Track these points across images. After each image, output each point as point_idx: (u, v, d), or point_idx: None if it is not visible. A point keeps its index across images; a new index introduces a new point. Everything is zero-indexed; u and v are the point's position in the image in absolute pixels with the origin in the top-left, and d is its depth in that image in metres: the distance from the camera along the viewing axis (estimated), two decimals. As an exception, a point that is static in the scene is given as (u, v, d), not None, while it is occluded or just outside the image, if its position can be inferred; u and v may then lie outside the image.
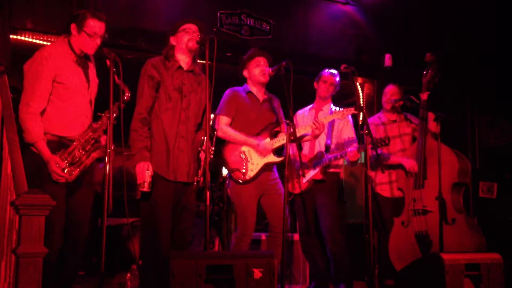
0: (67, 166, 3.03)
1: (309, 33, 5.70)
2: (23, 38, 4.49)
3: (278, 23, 5.47)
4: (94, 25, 3.13)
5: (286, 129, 3.62)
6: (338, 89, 4.37)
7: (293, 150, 4.09)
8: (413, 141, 4.40)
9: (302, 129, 3.82)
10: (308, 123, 4.29)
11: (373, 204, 3.96)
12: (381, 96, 4.70)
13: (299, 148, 3.67)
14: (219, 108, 3.89)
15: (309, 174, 4.15)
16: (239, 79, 3.99)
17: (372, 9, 5.95)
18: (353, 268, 4.23)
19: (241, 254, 2.89)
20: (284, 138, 3.71)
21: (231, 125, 3.84)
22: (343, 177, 5.56)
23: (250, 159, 3.76)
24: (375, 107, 5.90)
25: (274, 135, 3.85)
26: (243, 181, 3.73)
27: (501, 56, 5.73)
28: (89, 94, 3.26)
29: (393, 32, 6.00)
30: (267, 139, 3.80)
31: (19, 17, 4.34)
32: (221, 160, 3.84)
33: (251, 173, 3.73)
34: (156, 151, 3.31)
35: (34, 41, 4.54)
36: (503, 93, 5.86)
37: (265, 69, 3.83)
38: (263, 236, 4.64)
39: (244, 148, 3.79)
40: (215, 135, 3.84)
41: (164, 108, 3.35)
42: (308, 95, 4.48)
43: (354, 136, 4.30)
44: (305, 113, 4.45)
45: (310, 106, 4.47)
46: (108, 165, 2.86)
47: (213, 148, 3.70)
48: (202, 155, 3.37)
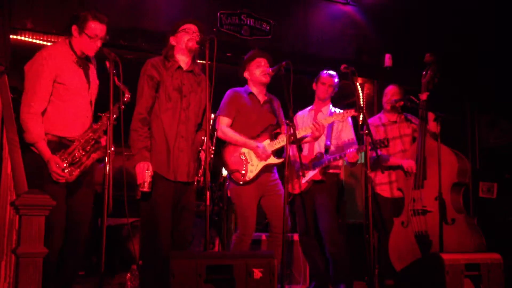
0: (67, 166, 3.03)
1: (309, 33, 5.70)
2: (23, 38, 4.49)
3: (278, 23, 5.47)
4: (95, 27, 3.13)
5: (286, 130, 3.61)
6: (337, 90, 4.37)
7: (293, 151, 4.09)
8: (414, 141, 4.39)
9: (302, 131, 3.82)
10: (307, 124, 4.29)
11: (373, 204, 3.96)
12: (381, 96, 4.70)
13: (299, 149, 3.67)
14: (219, 108, 3.88)
15: (309, 174, 4.15)
16: (239, 79, 3.98)
17: (372, 9, 5.95)
18: (353, 268, 4.23)
19: (241, 254, 2.89)
20: (284, 139, 3.70)
21: (231, 126, 3.83)
22: (343, 178, 5.56)
23: (250, 161, 3.76)
24: (375, 107, 5.90)
25: (274, 137, 3.85)
26: (242, 182, 3.72)
27: (501, 56, 5.72)
28: (89, 95, 3.26)
29: (393, 32, 6.00)
30: (267, 141, 3.80)
31: (19, 17, 4.34)
32: (221, 161, 3.84)
33: (250, 175, 3.73)
34: (156, 151, 3.31)
35: (34, 41, 4.55)
36: (503, 93, 5.85)
37: (266, 69, 3.83)
38: (263, 236, 4.64)
39: (244, 149, 3.78)
40: (215, 135, 3.85)
41: (164, 108, 3.35)
42: (308, 95, 4.48)
43: (353, 137, 4.30)
44: (304, 114, 4.45)
45: (309, 107, 4.47)
46: (108, 165, 2.86)
47: (214, 148, 3.70)
48: (202, 155, 3.37)
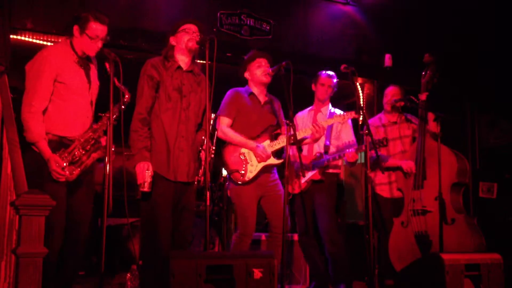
0: (67, 165, 3.03)
1: (309, 33, 5.69)
2: (23, 38, 4.49)
3: (278, 23, 5.47)
4: (96, 28, 3.13)
5: (286, 130, 3.61)
6: (336, 90, 4.37)
7: (293, 151, 4.09)
8: (414, 142, 4.38)
9: (302, 132, 3.82)
10: (307, 124, 4.29)
11: (373, 204, 3.96)
12: (381, 96, 4.70)
13: (299, 149, 3.67)
14: (220, 108, 3.88)
15: (308, 174, 4.16)
16: (239, 79, 3.98)
17: (372, 9, 5.95)
18: (353, 268, 4.23)
19: (241, 254, 2.89)
20: (284, 140, 3.70)
21: (232, 126, 3.83)
22: (343, 178, 5.56)
23: (249, 161, 3.76)
24: (375, 108, 5.90)
25: (274, 138, 3.84)
26: (242, 182, 3.72)
27: (501, 56, 5.72)
28: (90, 95, 3.27)
29: (393, 32, 6.00)
30: (267, 141, 3.79)
31: (19, 17, 4.34)
32: (220, 161, 3.84)
33: (250, 175, 3.72)
34: (156, 151, 3.31)
35: (34, 41, 4.54)
36: (503, 93, 5.85)
37: (267, 70, 3.83)
38: (263, 236, 4.64)
39: (243, 149, 3.78)
40: (216, 135, 3.85)
41: (164, 108, 3.35)
42: (308, 96, 4.48)
43: (353, 137, 4.30)
44: (304, 114, 4.46)
45: (309, 108, 4.47)
46: (108, 165, 2.86)
47: (214, 148, 3.70)
48: (202, 155, 3.37)
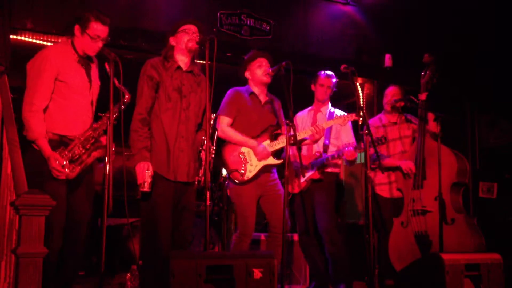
0: (68, 163, 3.04)
1: (309, 33, 5.69)
2: (23, 38, 4.49)
3: (278, 23, 5.47)
4: (97, 28, 3.14)
5: (286, 130, 3.61)
6: (335, 90, 4.38)
7: (293, 151, 4.09)
8: (414, 142, 4.39)
9: (302, 133, 3.82)
10: (307, 124, 4.29)
11: (373, 204, 3.96)
12: (381, 96, 4.70)
13: (298, 149, 3.66)
14: (220, 108, 3.87)
15: (307, 173, 4.16)
16: (239, 79, 3.98)
17: (372, 9, 5.95)
18: (353, 268, 4.23)
19: (241, 254, 2.89)
20: (284, 140, 3.70)
21: (232, 125, 3.83)
22: (343, 178, 5.56)
23: (249, 160, 3.76)
24: (375, 108, 5.89)
25: (274, 138, 3.84)
26: (241, 182, 3.72)
27: (501, 56, 5.72)
28: (90, 94, 3.27)
29: (393, 32, 6.00)
30: (267, 141, 3.79)
31: (19, 17, 4.34)
32: (220, 160, 3.84)
33: (249, 174, 3.72)
34: (156, 151, 3.31)
35: (34, 41, 4.54)
36: (503, 93, 5.86)
37: (268, 69, 3.83)
38: (262, 236, 4.64)
39: (243, 149, 3.78)
40: (216, 135, 3.85)
41: (164, 108, 3.35)
42: (308, 95, 4.48)
43: (352, 138, 4.30)
44: (304, 114, 4.46)
45: (309, 108, 4.48)
46: (108, 165, 2.86)
47: (215, 148, 3.70)
48: (203, 155, 3.37)
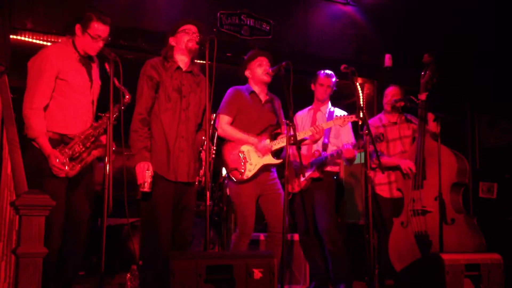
0: (68, 161, 3.04)
1: (309, 33, 5.70)
2: (23, 38, 4.49)
3: (278, 23, 5.47)
4: (98, 28, 3.14)
5: (286, 130, 3.61)
6: (335, 89, 4.38)
7: (293, 150, 4.09)
8: (414, 142, 4.39)
9: (302, 133, 3.82)
10: (306, 123, 4.29)
11: (373, 204, 3.96)
12: (381, 96, 4.69)
13: (298, 149, 3.66)
14: (220, 107, 3.87)
15: (307, 172, 4.16)
16: (239, 79, 3.98)
17: (372, 9, 5.95)
18: (353, 268, 4.23)
19: (241, 254, 2.89)
20: (284, 140, 3.70)
21: (232, 124, 3.83)
22: (343, 177, 5.56)
23: (248, 159, 3.75)
24: (375, 108, 5.90)
25: (274, 137, 3.84)
26: (240, 181, 3.71)
27: (501, 56, 5.72)
28: (91, 94, 3.27)
29: (393, 32, 6.00)
30: (267, 141, 3.79)
31: (19, 17, 4.34)
32: (220, 159, 3.84)
33: (249, 173, 3.72)
34: (156, 151, 3.31)
35: (34, 41, 4.55)
36: (503, 93, 5.86)
37: (268, 69, 3.83)
38: (261, 236, 4.64)
39: (243, 148, 3.78)
40: (216, 135, 3.84)
41: (163, 108, 3.35)
42: (308, 95, 4.48)
43: (352, 136, 4.30)
44: (304, 114, 4.46)
45: (309, 107, 4.48)
46: (108, 165, 2.86)
47: (215, 148, 3.70)
48: (203, 155, 3.37)
